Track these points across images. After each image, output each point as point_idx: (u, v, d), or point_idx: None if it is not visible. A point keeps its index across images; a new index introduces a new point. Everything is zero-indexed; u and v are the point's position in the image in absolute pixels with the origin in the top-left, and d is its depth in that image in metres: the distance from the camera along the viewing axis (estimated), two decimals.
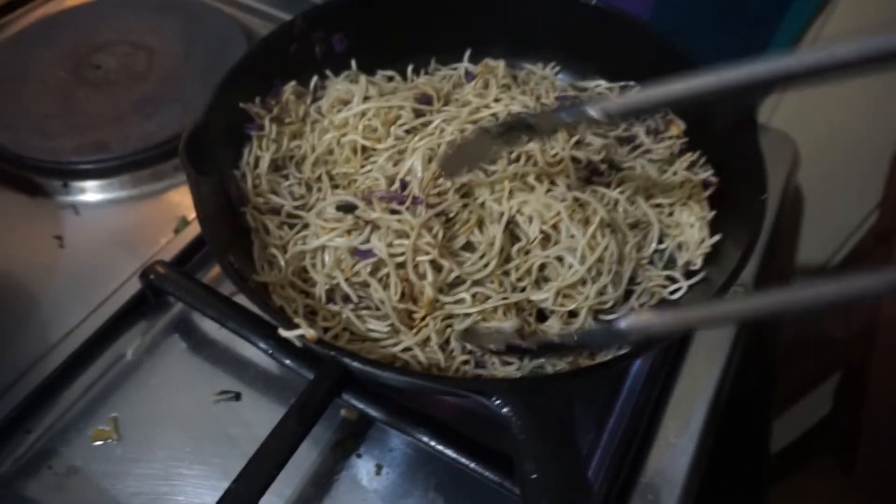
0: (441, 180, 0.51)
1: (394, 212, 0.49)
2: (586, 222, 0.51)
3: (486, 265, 0.49)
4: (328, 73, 0.65)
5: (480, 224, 0.50)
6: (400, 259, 0.48)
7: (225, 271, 0.44)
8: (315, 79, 0.64)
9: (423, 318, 0.48)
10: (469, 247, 0.50)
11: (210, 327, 0.59)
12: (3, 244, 0.65)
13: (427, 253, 0.47)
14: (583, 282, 0.50)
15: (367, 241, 0.49)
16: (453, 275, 0.48)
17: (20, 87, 0.77)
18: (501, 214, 0.51)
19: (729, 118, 0.56)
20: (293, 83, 0.63)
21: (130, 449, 0.52)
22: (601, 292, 0.50)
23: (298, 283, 0.51)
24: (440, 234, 0.48)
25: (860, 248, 0.82)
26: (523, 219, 0.51)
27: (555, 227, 0.51)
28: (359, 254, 0.49)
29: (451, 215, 0.50)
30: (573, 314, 0.50)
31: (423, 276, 0.48)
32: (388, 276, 0.48)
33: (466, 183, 0.52)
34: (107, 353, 0.58)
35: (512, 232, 0.52)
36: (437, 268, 0.48)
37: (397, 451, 0.53)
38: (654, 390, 0.57)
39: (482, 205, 0.51)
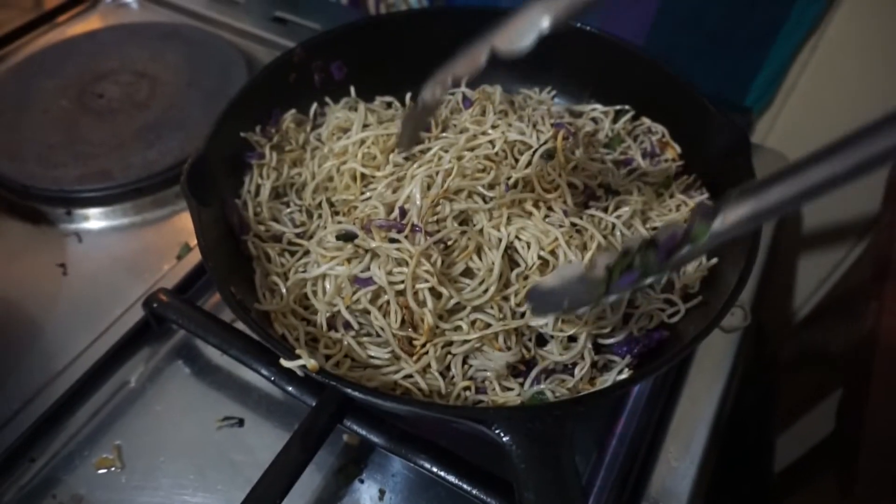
0: (439, 208, 0.51)
1: (393, 240, 0.50)
2: (584, 247, 0.52)
3: (485, 291, 0.50)
4: (328, 100, 0.66)
5: (479, 250, 0.51)
6: (399, 287, 0.48)
7: (227, 302, 0.44)
8: (315, 106, 0.65)
9: (423, 345, 0.48)
10: (468, 273, 0.51)
11: (213, 353, 0.60)
12: (7, 272, 0.66)
13: (426, 280, 0.48)
14: None
15: (367, 269, 0.50)
16: (453, 301, 0.49)
17: (23, 116, 0.78)
18: (500, 241, 0.51)
19: (724, 141, 0.57)
20: (293, 111, 0.64)
21: (134, 477, 0.53)
22: (600, 317, 0.51)
23: (300, 310, 0.51)
24: (439, 262, 0.49)
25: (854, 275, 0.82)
26: (521, 245, 0.52)
27: (553, 252, 0.51)
28: (359, 282, 0.50)
29: (450, 242, 0.51)
30: (572, 339, 0.51)
31: (422, 304, 0.48)
32: (388, 303, 0.49)
33: (465, 210, 0.52)
34: (111, 380, 0.58)
35: (510, 258, 0.52)
36: (436, 295, 0.48)
37: (400, 476, 0.53)
38: (655, 413, 0.57)
39: (480, 231, 0.52)
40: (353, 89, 0.66)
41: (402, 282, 0.48)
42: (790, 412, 0.85)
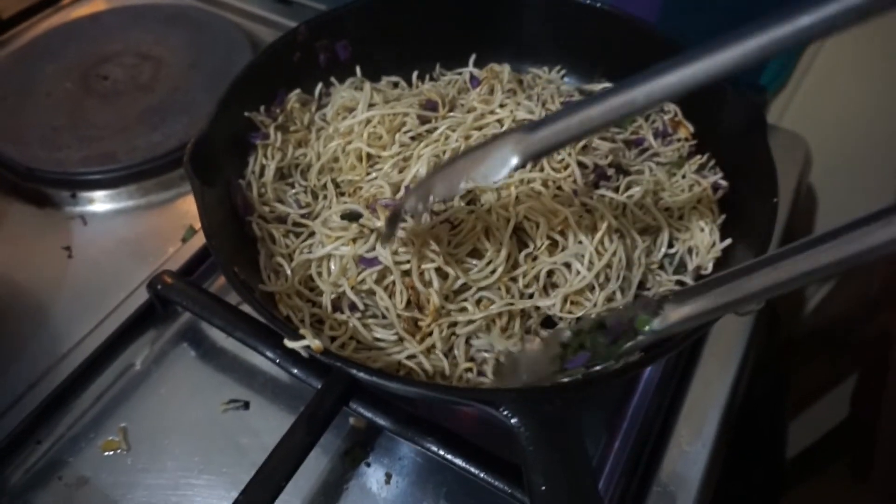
0: None
1: None
2: (594, 228, 0.51)
3: (492, 272, 0.49)
4: (333, 80, 0.65)
5: (487, 231, 0.50)
6: (405, 267, 0.47)
7: (231, 283, 0.43)
8: (320, 86, 0.64)
9: (428, 326, 0.47)
10: (476, 253, 0.50)
11: (218, 336, 0.59)
12: (12, 255, 0.66)
13: (432, 260, 0.47)
14: (591, 288, 0.49)
15: (373, 249, 0.49)
16: (459, 282, 0.48)
17: (28, 99, 0.78)
18: (508, 220, 0.50)
19: (738, 120, 0.55)
20: (297, 91, 0.63)
21: (140, 459, 0.52)
22: (610, 298, 0.50)
23: (305, 291, 0.51)
24: (445, 242, 0.48)
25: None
26: (530, 225, 0.51)
27: (562, 232, 0.50)
28: (364, 262, 0.49)
29: (457, 222, 0.50)
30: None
31: (428, 284, 0.47)
32: (393, 283, 0.48)
33: (472, 189, 0.51)
34: (116, 363, 0.58)
35: (519, 238, 0.51)
36: (442, 275, 0.48)
37: (407, 459, 0.52)
38: (667, 396, 0.56)
39: (488, 211, 0.51)
40: (358, 69, 0.65)
41: (408, 262, 0.47)
42: (803, 399, 0.84)
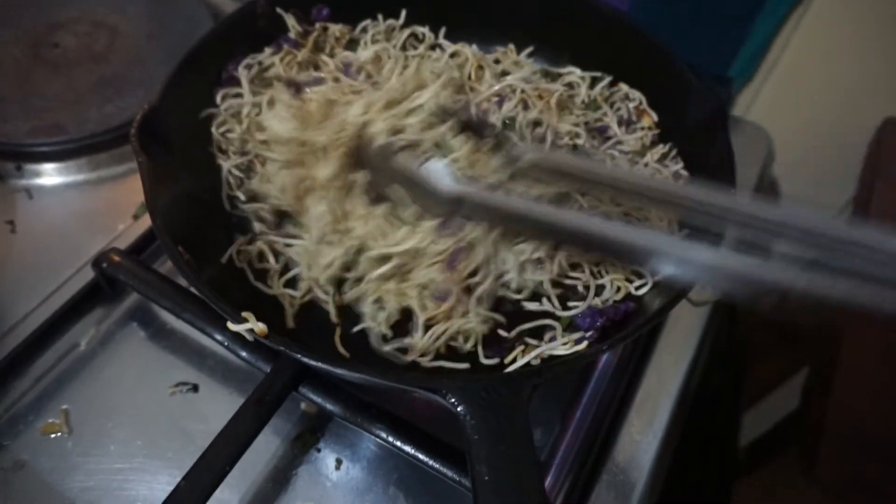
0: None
1: None
2: None
3: None
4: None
5: None
6: None
7: (174, 262, 0.42)
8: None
9: None
10: None
11: (169, 316, 0.57)
12: None
13: None
14: None
15: None
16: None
17: None
18: None
19: (701, 111, 0.55)
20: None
21: (81, 443, 0.51)
22: None
23: None
24: None
25: None
26: None
27: None
28: None
29: None
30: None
31: None
32: None
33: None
34: (59, 342, 0.56)
35: None
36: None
37: (358, 445, 0.52)
38: (621, 386, 0.56)
39: None
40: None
41: None
42: (757, 390, 0.85)
